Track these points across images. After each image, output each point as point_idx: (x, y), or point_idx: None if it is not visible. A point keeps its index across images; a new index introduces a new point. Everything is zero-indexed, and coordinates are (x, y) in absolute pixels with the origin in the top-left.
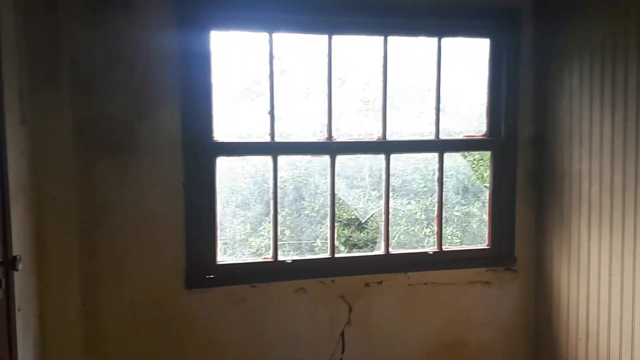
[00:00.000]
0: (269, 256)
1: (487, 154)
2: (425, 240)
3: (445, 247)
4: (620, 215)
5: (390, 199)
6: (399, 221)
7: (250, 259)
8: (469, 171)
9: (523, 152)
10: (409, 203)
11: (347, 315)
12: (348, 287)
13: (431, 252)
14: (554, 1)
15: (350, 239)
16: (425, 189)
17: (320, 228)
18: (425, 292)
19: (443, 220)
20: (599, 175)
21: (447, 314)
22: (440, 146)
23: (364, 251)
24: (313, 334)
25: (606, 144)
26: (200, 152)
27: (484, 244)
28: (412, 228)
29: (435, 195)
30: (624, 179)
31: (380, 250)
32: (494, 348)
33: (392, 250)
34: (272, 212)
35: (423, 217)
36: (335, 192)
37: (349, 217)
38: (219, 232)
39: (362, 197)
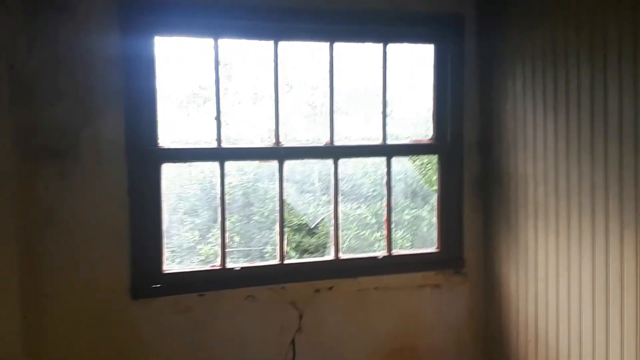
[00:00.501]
0: (217, 264)
1: (435, 158)
2: (376, 244)
3: (394, 251)
4: (565, 217)
5: (340, 204)
6: (350, 225)
7: (197, 267)
8: (418, 175)
9: (469, 156)
10: (359, 207)
11: (297, 321)
12: (298, 294)
13: (381, 257)
14: (497, 8)
15: (301, 244)
16: (375, 193)
17: (270, 234)
18: (376, 296)
19: (393, 224)
20: (543, 178)
21: (398, 318)
22: (388, 151)
23: (315, 256)
24: (263, 342)
25: (550, 148)
26: (145, 159)
27: (433, 247)
28: (363, 232)
29: (385, 200)
30: (568, 181)
31: (330, 256)
32: (444, 351)
33: (342, 255)
34: (219, 218)
35: (373, 221)
36: (285, 197)
37: (300, 223)
38: (165, 240)
39: (312, 202)
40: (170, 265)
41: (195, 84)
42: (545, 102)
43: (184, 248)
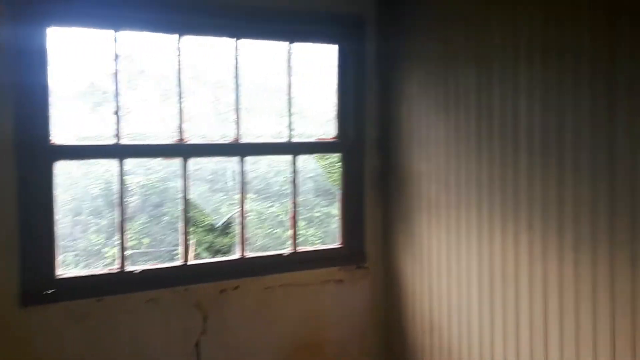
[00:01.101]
0: (115, 267)
1: (339, 156)
2: (288, 242)
3: (300, 248)
4: (455, 212)
5: (254, 202)
6: (262, 224)
7: (94, 271)
8: (329, 174)
9: (370, 154)
10: (272, 206)
11: (201, 323)
12: (202, 295)
13: (286, 254)
14: (395, 12)
15: (214, 244)
16: (287, 192)
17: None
18: (282, 294)
19: (305, 222)
20: (435, 175)
21: (303, 315)
22: (293, 148)
23: (229, 257)
24: (165, 347)
25: (441, 146)
26: (35, 157)
27: (337, 243)
28: (275, 231)
29: (296, 197)
30: (457, 178)
31: (236, 255)
32: (348, 345)
33: (248, 254)
34: (118, 219)
35: (286, 219)
36: (193, 196)
37: (212, 223)
38: (58, 243)
39: (225, 201)
40: (73, 269)
41: (96, 77)
42: (437, 103)
43: (90, 251)
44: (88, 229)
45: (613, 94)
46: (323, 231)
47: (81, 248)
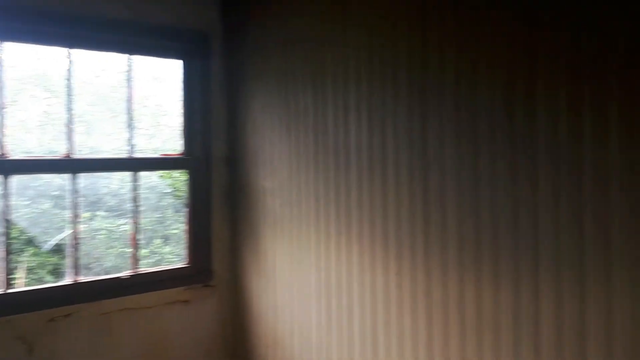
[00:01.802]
0: None
1: (185, 172)
2: (143, 261)
3: (142, 270)
4: (297, 227)
5: (106, 220)
6: (114, 243)
7: None
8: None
9: (218, 171)
10: (125, 224)
11: (27, 358)
12: (27, 326)
13: (126, 276)
14: (239, 30)
15: (60, 267)
16: (143, 208)
17: (19, 258)
18: (121, 319)
19: (163, 240)
20: (279, 192)
21: (146, 340)
22: (134, 165)
23: (60, 282)
24: None
25: (284, 163)
26: None
27: (184, 262)
28: (128, 250)
29: (138, 215)
30: (298, 194)
31: (67, 280)
32: None
33: (81, 278)
34: None
35: (140, 237)
36: (31, 214)
37: (59, 243)
38: None
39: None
40: None
41: None
42: (280, 121)
43: None
44: None
45: (425, 112)
46: (182, 249)
47: None
